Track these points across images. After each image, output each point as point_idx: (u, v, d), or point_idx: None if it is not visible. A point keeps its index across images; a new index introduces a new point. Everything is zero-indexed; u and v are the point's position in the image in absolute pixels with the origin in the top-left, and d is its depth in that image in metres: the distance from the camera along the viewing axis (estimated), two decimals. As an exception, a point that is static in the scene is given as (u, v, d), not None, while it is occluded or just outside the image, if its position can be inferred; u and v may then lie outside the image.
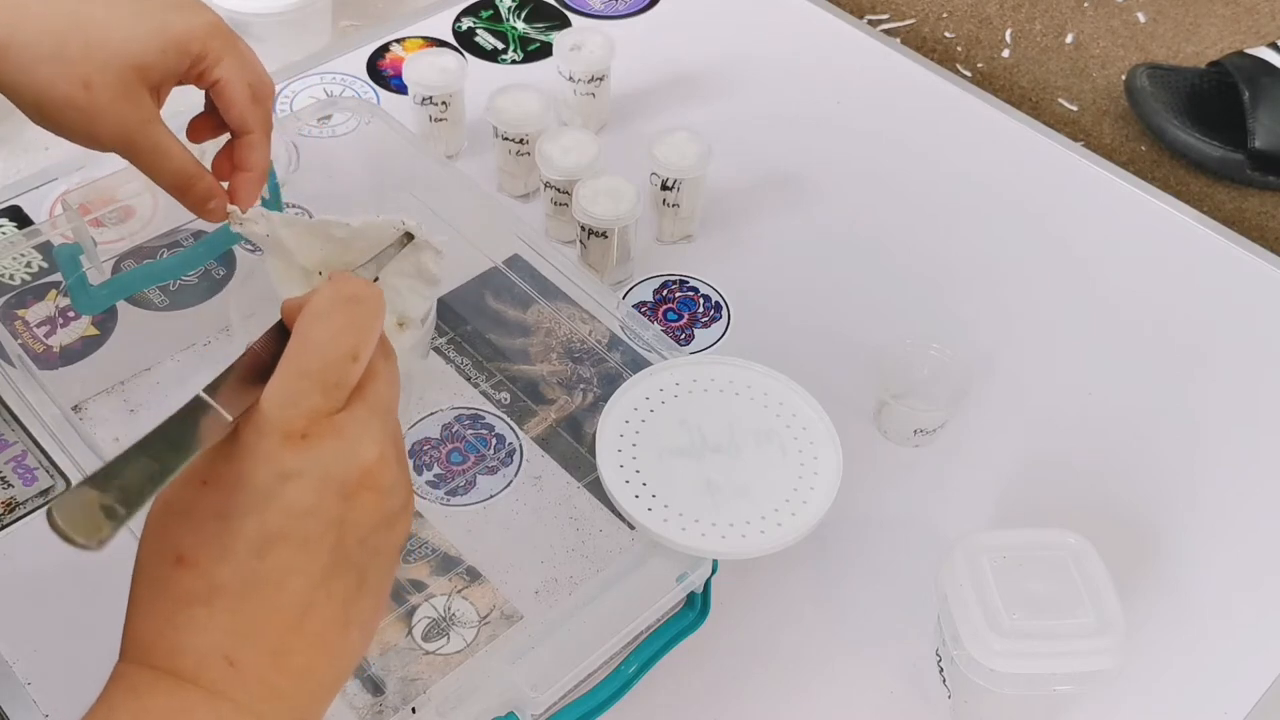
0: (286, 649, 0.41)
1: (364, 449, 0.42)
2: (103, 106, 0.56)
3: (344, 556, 0.42)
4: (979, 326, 0.87)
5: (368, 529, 0.42)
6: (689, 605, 0.66)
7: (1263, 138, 1.05)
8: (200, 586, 0.40)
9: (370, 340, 0.43)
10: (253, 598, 0.40)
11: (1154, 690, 0.68)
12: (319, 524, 0.41)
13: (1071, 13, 1.28)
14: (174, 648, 0.40)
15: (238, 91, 0.61)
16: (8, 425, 0.75)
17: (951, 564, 0.63)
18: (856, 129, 1.02)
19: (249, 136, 0.62)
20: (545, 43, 1.08)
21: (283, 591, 0.41)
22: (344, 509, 0.42)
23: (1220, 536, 0.76)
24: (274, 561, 0.40)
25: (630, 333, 0.73)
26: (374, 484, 0.42)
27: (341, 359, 0.42)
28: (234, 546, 0.40)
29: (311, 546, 0.41)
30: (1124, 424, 0.82)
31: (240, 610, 0.40)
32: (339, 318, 0.43)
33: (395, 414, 0.45)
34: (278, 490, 0.41)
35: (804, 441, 0.66)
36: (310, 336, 0.42)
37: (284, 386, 0.42)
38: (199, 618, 0.40)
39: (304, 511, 0.41)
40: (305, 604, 0.41)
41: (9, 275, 0.81)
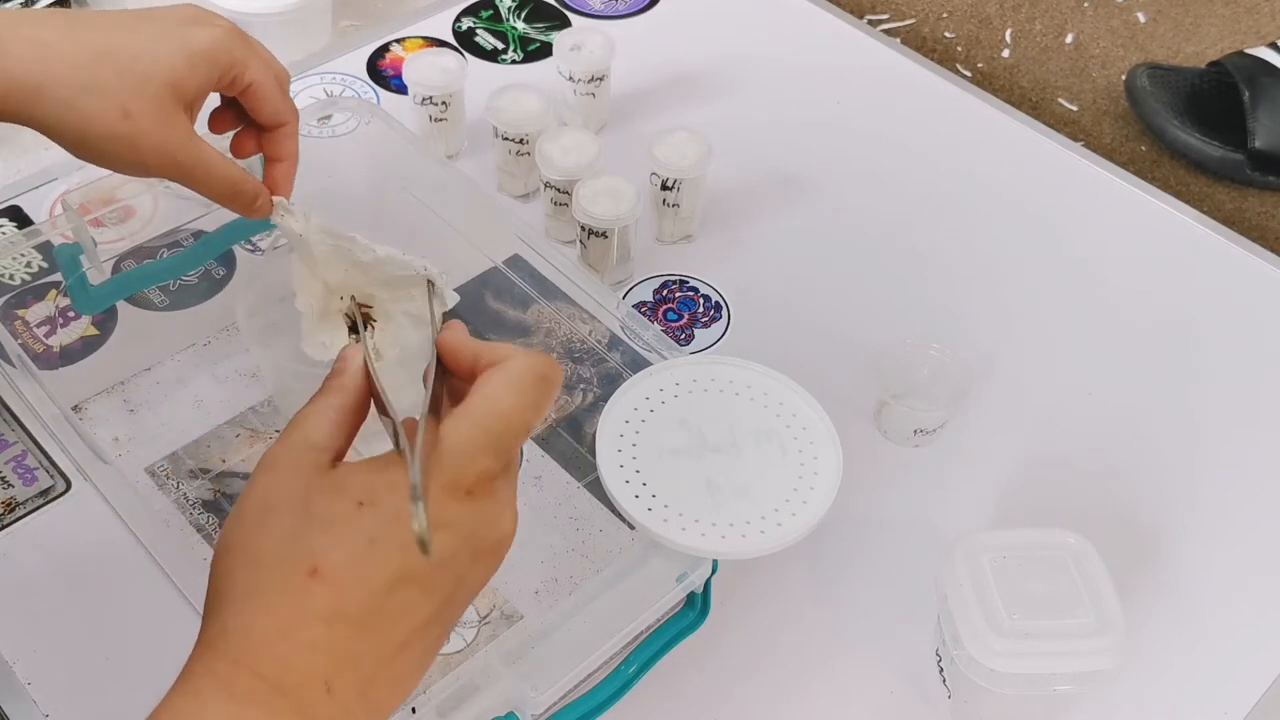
0: (374, 682, 0.42)
1: (507, 519, 0.45)
2: (144, 132, 0.57)
3: (450, 610, 0.44)
4: (979, 326, 0.87)
5: (477, 590, 0.45)
6: (689, 605, 0.66)
7: (1263, 138, 1.05)
8: (328, 605, 0.40)
9: (543, 417, 0.46)
10: (368, 628, 0.41)
11: (1154, 690, 0.68)
12: (447, 576, 0.43)
13: (1071, 13, 1.28)
14: (285, 661, 0.40)
15: (269, 89, 0.62)
16: (8, 425, 0.75)
17: (951, 564, 0.63)
18: (857, 129, 1.02)
19: (287, 127, 0.64)
20: (545, 43, 1.08)
21: (395, 629, 0.42)
22: (470, 568, 0.43)
23: (1220, 536, 0.76)
24: (399, 600, 0.41)
25: (630, 333, 0.73)
26: (500, 552, 0.45)
27: (522, 431, 0.44)
28: (373, 574, 0.41)
29: (433, 594, 0.42)
30: (1124, 424, 0.82)
31: (354, 637, 0.41)
32: (531, 394, 0.45)
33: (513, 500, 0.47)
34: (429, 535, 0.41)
35: (804, 441, 0.66)
36: (502, 402, 0.44)
37: (468, 440, 0.43)
38: (318, 637, 0.40)
39: (442, 561, 0.42)
40: (405, 644, 0.42)
41: (9, 275, 0.81)
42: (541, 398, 0.45)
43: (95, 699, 0.64)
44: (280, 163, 0.64)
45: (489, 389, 0.44)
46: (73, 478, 0.73)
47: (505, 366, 0.45)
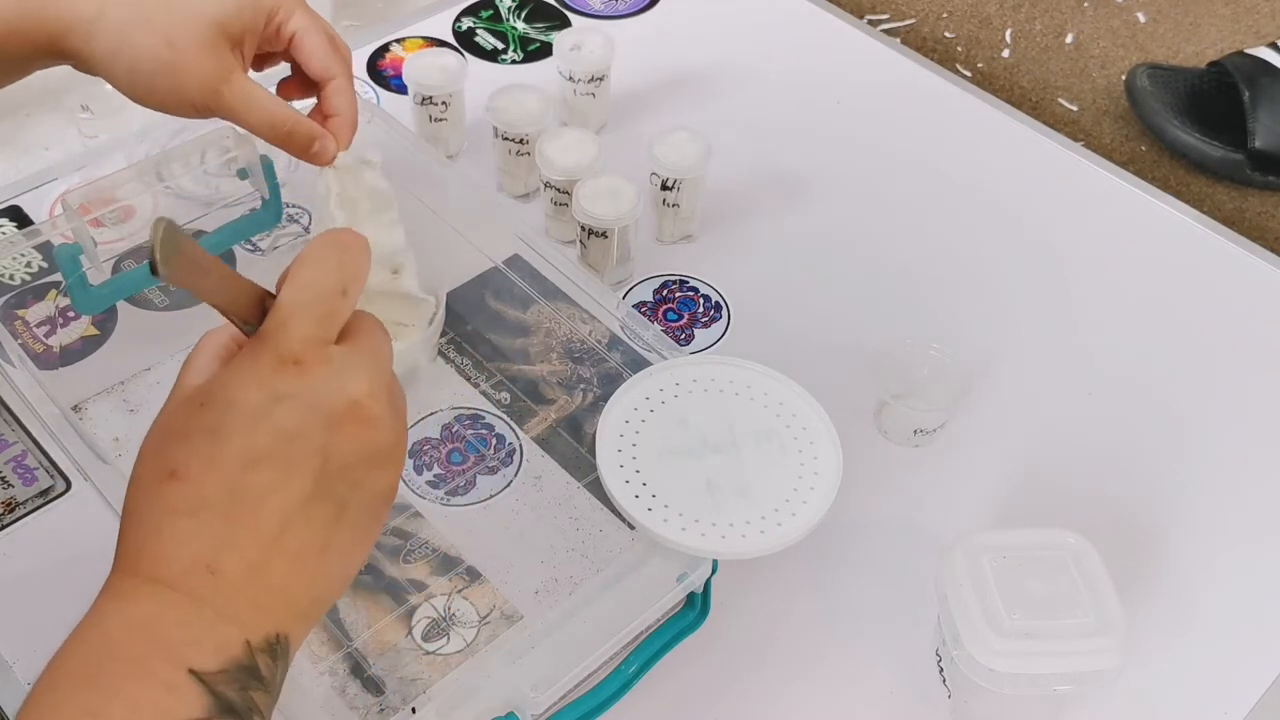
0: (264, 564, 0.42)
1: (352, 382, 0.44)
2: (188, 62, 0.59)
3: (325, 484, 0.44)
4: (979, 326, 0.87)
5: (351, 460, 0.44)
6: (689, 605, 0.66)
7: (1263, 138, 1.05)
8: (188, 499, 0.42)
9: (358, 280, 0.46)
10: (236, 512, 0.42)
11: (1154, 690, 0.68)
12: (304, 448, 0.43)
13: (1071, 13, 1.28)
14: (159, 556, 0.42)
15: (316, 40, 0.64)
16: (8, 425, 0.75)
17: (951, 564, 0.63)
18: (856, 129, 1.02)
19: (335, 82, 0.66)
20: (545, 43, 1.08)
21: (264, 508, 0.42)
22: (328, 437, 0.44)
23: (1220, 536, 0.76)
24: (258, 479, 0.42)
25: (630, 333, 0.73)
26: (360, 416, 0.44)
27: (331, 292, 0.45)
28: (223, 461, 0.42)
29: (295, 469, 0.43)
30: (1124, 424, 0.82)
31: (223, 523, 0.42)
32: (329, 259, 0.46)
33: (388, 366, 0.47)
34: (268, 411, 0.43)
35: (804, 441, 0.66)
36: (302, 275, 0.45)
37: (279, 315, 0.44)
38: (185, 528, 0.42)
39: (291, 434, 0.43)
40: (284, 523, 0.43)
41: (9, 275, 0.81)
42: (343, 259, 0.46)
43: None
44: (334, 117, 0.66)
45: (289, 273, 0.46)
46: (73, 478, 0.73)
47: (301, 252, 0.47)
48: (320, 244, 0.47)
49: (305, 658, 0.65)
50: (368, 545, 0.47)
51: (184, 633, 0.40)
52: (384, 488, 0.47)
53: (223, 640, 0.41)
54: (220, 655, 0.40)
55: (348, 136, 0.66)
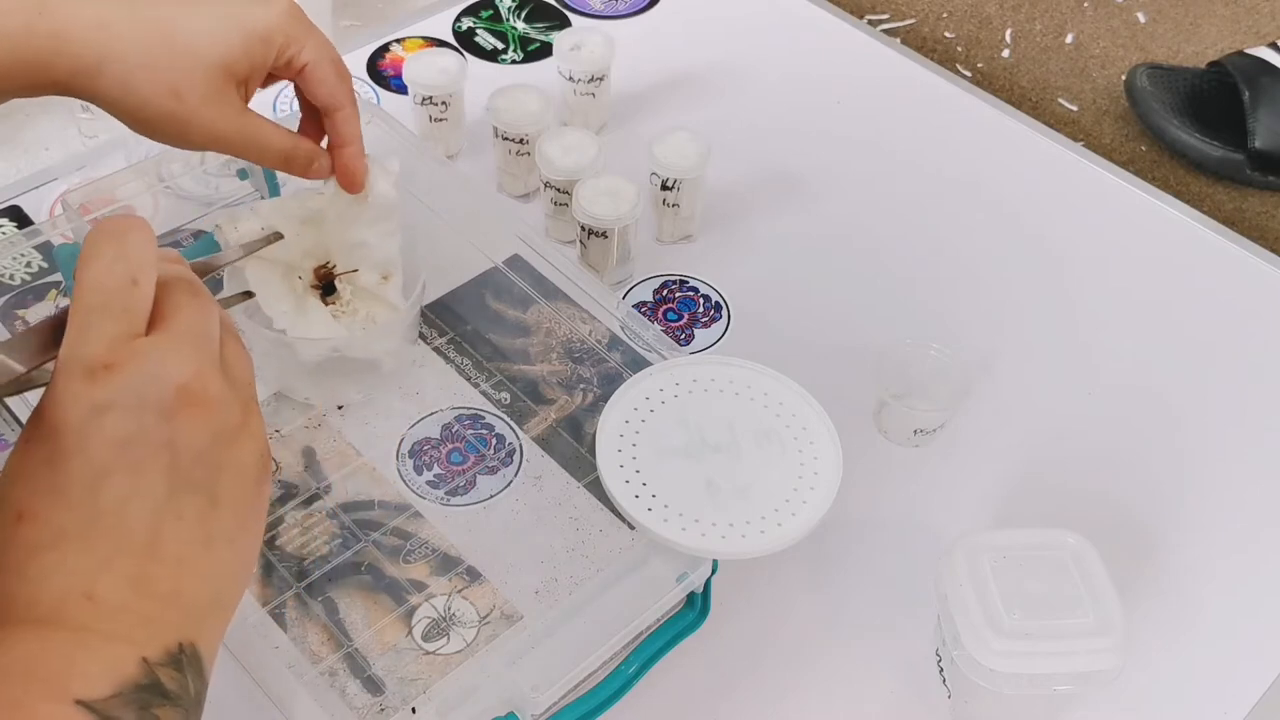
0: (145, 575, 0.41)
1: (173, 368, 0.42)
2: (193, 113, 0.59)
3: (183, 477, 0.42)
4: (979, 326, 0.87)
5: (201, 445, 0.42)
6: (689, 605, 0.66)
7: (1263, 138, 1.05)
8: (44, 535, 0.40)
9: (145, 264, 0.43)
10: (98, 533, 0.40)
11: (1154, 690, 0.68)
12: (145, 449, 0.41)
13: (1071, 13, 1.28)
14: (29, 599, 0.40)
15: (326, 71, 0.63)
16: (8, 425, 0.75)
17: (951, 564, 0.63)
18: (856, 129, 1.02)
19: (342, 112, 0.65)
20: (545, 43, 1.08)
21: (126, 521, 0.41)
22: (168, 430, 0.41)
23: (1220, 536, 0.76)
24: (109, 494, 0.41)
25: (630, 333, 0.73)
26: (193, 399, 0.42)
27: (120, 286, 0.42)
28: (67, 489, 0.40)
29: (144, 472, 0.41)
30: (1124, 424, 0.82)
31: (88, 548, 0.40)
32: (106, 251, 0.43)
33: (212, 340, 0.44)
34: (95, 425, 0.41)
35: (804, 441, 0.66)
36: (85, 277, 0.43)
37: (73, 327, 0.42)
38: (49, 564, 0.40)
39: (126, 439, 0.41)
40: (153, 529, 0.41)
41: (9, 275, 0.81)
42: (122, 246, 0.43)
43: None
44: (347, 148, 0.66)
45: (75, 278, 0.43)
46: (73, 478, 0.73)
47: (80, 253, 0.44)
48: (94, 239, 0.44)
49: (305, 657, 0.65)
50: (256, 527, 0.45)
51: (65, 665, 0.38)
52: (249, 463, 0.44)
53: (112, 662, 0.39)
54: (112, 678, 0.38)
55: (362, 163, 0.67)
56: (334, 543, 0.70)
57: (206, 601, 0.43)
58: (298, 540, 0.70)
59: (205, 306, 0.45)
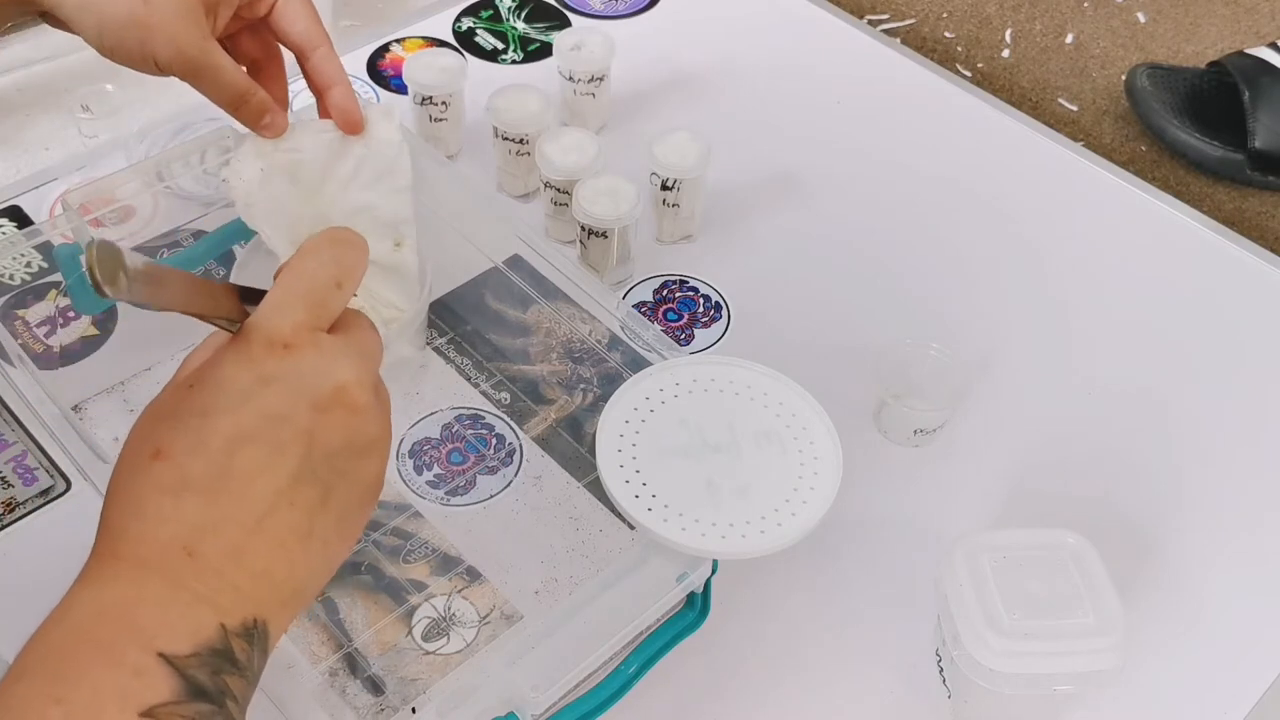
0: (245, 548, 0.42)
1: (340, 369, 0.45)
2: (161, 22, 0.58)
3: (310, 468, 0.44)
4: (979, 326, 0.87)
5: (337, 446, 0.44)
6: (689, 605, 0.66)
7: (1263, 138, 1.05)
8: (171, 478, 0.42)
9: (353, 276, 0.47)
10: (218, 493, 0.42)
11: (1154, 690, 0.68)
12: (289, 431, 0.43)
13: (1071, 13, 1.28)
14: (138, 536, 0.41)
15: (299, 6, 0.63)
16: (8, 425, 0.75)
17: (951, 564, 0.63)
18: (856, 129, 1.02)
19: (320, 50, 0.64)
20: (545, 43, 1.08)
21: (248, 491, 0.42)
22: (314, 422, 0.44)
23: (1220, 536, 0.76)
24: (243, 460, 0.42)
25: (630, 333, 0.73)
26: (346, 403, 0.45)
27: (327, 284, 0.46)
28: (208, 441, 0.42)
29: (280, 451, 0.43)
30: (1124, 424, 0.82)
31: (205, 504, 0.42)
32: (326, 253, 0.47)
33: (376, 361, 0.48)
34: (255, 392, 0.43)
35: (804, 441, 0.66)
36: (298, 265, 0.46)
37: (273, 301, 0.45)
38: (165, 508, 0.41)
39: (277, 416, 0.43)
40: (268, 507, 0.42)
41: (9, 275, 0.81)
42: (339, 254, 0.47)
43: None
44: (333, 89, 0.64)
45: (288, 264, 0.47)
46: (73, 478, 0.73)
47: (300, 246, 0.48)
48: (319, 239, 0.48)
49: (305, 658, 0.65)
50: (352, 537, 0.47)
51: (157, 615, 0.40)
52: (369, 478, 0.46)
53: (197, 623, 0.40)
54: (193, 638, 0.40)
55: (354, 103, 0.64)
56: (334, 543, 0.70)
57: (288, 590, 0.44)
58: (298, 540, 0.69)
59: (377, 338, 0.49)
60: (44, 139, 0.79)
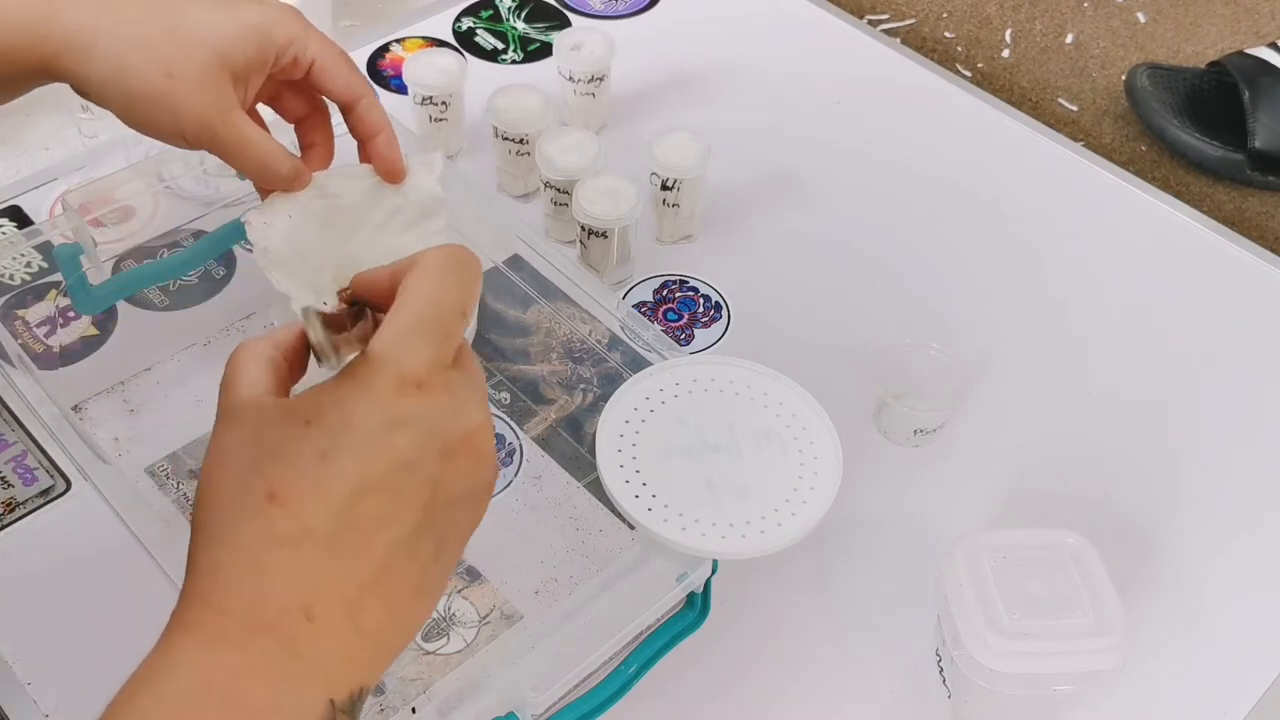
0: (361, 607, 0.39)
1: (471, 412, 0.42)
2: (185, 95, 0.57)
3: (432, 519, 0.41)
4: (979, 326, 0.87)
5: (457, 495, 0.42)
6: (689, 605, 0.66)
7: (1263, 138, 1.05)
8: (291, 526, 0.38)
9: (474, 300, 0.44)
10: (339, 547, 0.39)
11: (1154, 690, 0.68)
12: (418, 479, 0.40)
13: (1071, 13, 1.28)
14: (256, 592, 0.38)
15: (338, 61, 0.62)
16: (8, 425, 0.75)
17: (951, 564, 0.63)
18: (856, 129, 1.02)
19: (364, 100, 0.63)
20: (545, 43, 1.08)
21: (370, 544, 0.39)
22: (442, 469, 0.41)
23: (1220, 536, 0.76)
24: (368, 510, 0.39)
25: (630, 333, 0.73)
26: (473, 449, 0.42)
27: (454, 312, 0.42)
28: (331, 487, 0.39)
29: (406, 501, 0.40)
30: (1124, 424, 0.82)
31: (326, 559, 0.38)
32: (451, 275, 0.43)
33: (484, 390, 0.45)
34: (385, 436, 0.40)
35: (804, 441, 0.66)
36: (424, 290, 0.42)
37: (401, 331, 0.41)
38: (285, 560, 0.38)
39: (407, 463, 0.40)
40: (387, 562, 0.40)
41: (9, 275, 0.81)
42: (463, 276, 0.43)
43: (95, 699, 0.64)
44: (378, 137, 0.64)
45: (409, 283, 0.43)
46: (73, 478, 0.73)
47: (418, 261, 0.44)
48: (443, 257, 0.43)
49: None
50: (449, 577, 0.44)
51: (269, 695, 0.37)
52: (473, 525, 0.44)
53: (308, 703, 0.38)
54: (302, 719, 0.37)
55: (397, 152, 0.64)
56: (334, 543, 0.70)
57: (395, 646, 0.41)
58: (298, 540, 0.69)
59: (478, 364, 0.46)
60: (44, 139, 0.79)
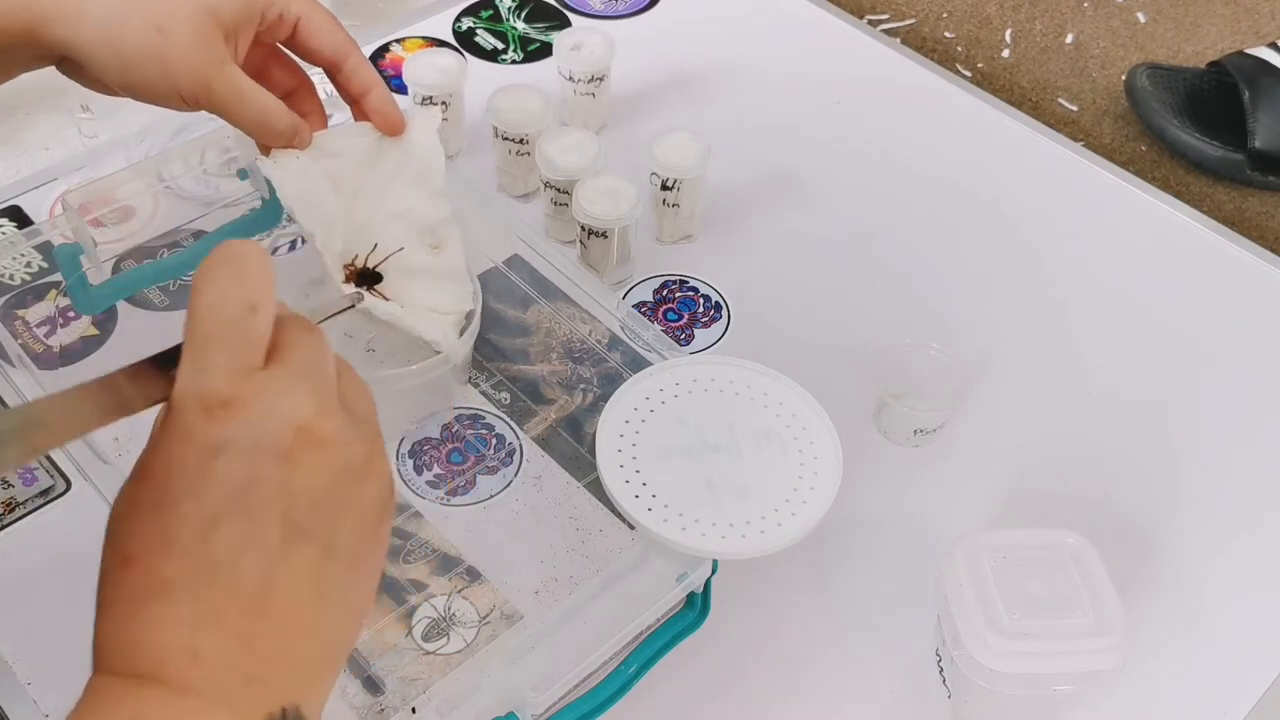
0: (253, 633, 0.38)
1: (292, 406, 0.39)
2: (177, 50, 0.57)
3: (298, 525, 0.39)
4: (979, 326, 0.87)
5: (319, 491, 0.40)
6: (689, 605, 0.66)
7: (1263, 138, 1.05)
8: (150, 583, 0.37)
9: (265, 291, 0.40)
10: (207, 585, 0.37)
11: (1154, 690, 0.68)
12: (262, 494, 0.38)
13: (1071, 13, 1.28)
14: (132, 649, 0.37)
15: (324, 20, 0.62)
16: (7, 425, 0.75)
17: (951, 564, 0.63)
18: (856, 129, 1.02)
19: (352, 58, 0.63)
20: (545, 43, 1.08)
21: (237, 572, 0.38)
22: (285, 474, 0.39)
23: (1220, 536, 0.76)
24: (221, 543, 0.38)
25: (630, 333, 0.73)
26: (314, 441, 0.40)
27: (237, 314, 0.40)
28: (175, 535, 0.38)
29: (259, 519, 0.38)
30: (1124, 424, 0.82)
31: (196, 600, 0.37)
32: (221, 276, 0.40)
33: (329, 376, 0.42)
34: (208, 467, 0.38)
35: (804, 441, 0.66)
36: (198, 306, 0.40)
37: (189, 359, 0.39)
38: (154, 615, 0.37)
39: (241, 484, 0.38)
40: (264, 582, 0.38)
41: (9, 275, 0.81)
42: (239, 271, 0.40)
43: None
44: (371, 92, 0.63)
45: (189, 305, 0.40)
46: (73, 478, 0.73)
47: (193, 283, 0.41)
48: (208, 264, 0.40)
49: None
50: (373, 572, 0.43)
51: None
52: (370, 504, 0.42)
53: None
54: None
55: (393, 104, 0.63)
56: (334, 543, 0.70)
57: (316, 659, 0.40)
58: (298, 540, 0.69)
59: (320, 340, 0.42)
60: (44, 139, 0.79)
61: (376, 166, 0.65)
